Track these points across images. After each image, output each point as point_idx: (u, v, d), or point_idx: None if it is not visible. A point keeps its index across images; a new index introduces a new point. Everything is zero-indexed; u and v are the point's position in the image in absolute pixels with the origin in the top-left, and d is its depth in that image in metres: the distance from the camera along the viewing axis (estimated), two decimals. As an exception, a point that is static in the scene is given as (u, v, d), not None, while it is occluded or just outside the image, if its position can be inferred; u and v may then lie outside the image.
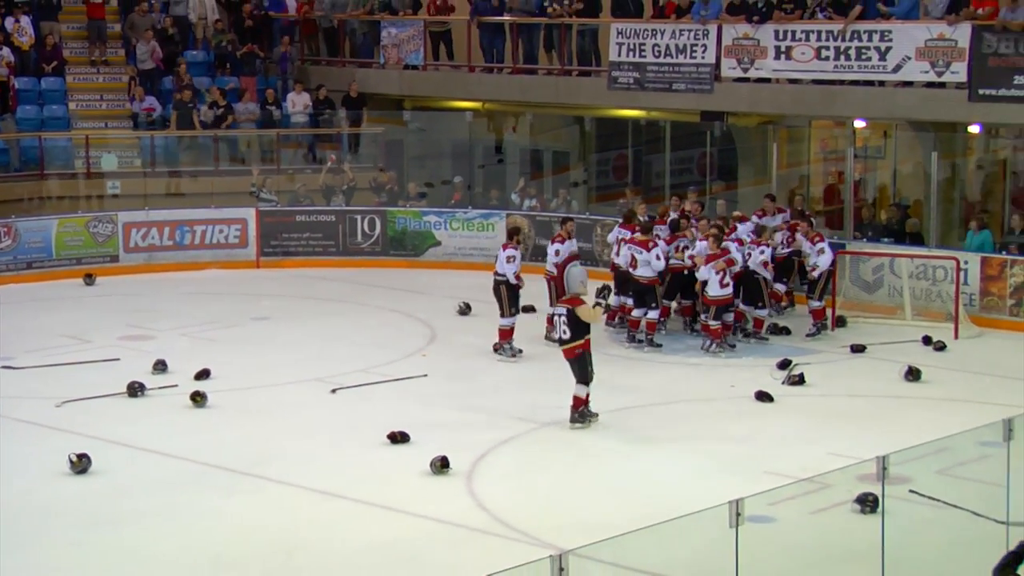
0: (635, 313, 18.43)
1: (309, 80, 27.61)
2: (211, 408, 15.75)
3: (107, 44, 27.14)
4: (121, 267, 23.61)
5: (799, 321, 19.39)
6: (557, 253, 18.69)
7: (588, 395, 14.84)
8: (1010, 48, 19.95)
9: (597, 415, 14.92)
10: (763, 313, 18.84)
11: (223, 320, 20.24)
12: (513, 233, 18.69)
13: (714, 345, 17.96)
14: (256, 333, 19.60)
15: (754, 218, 19.95)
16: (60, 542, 11.87)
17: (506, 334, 17.96)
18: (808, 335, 18.81)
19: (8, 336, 18.97)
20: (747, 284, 18.67)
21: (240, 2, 28.40)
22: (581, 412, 14.86)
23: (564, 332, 14.76)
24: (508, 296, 17.95)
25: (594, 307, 15.07)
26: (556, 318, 15.01)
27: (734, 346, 18.16)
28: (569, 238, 18.93)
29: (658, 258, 18.19)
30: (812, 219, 19.78)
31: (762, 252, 18.65)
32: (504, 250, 18.18)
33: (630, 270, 18.26)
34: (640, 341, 18.34)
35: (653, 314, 18.39)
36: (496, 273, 18.13)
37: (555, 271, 18.43)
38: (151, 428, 15.04)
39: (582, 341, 14.75)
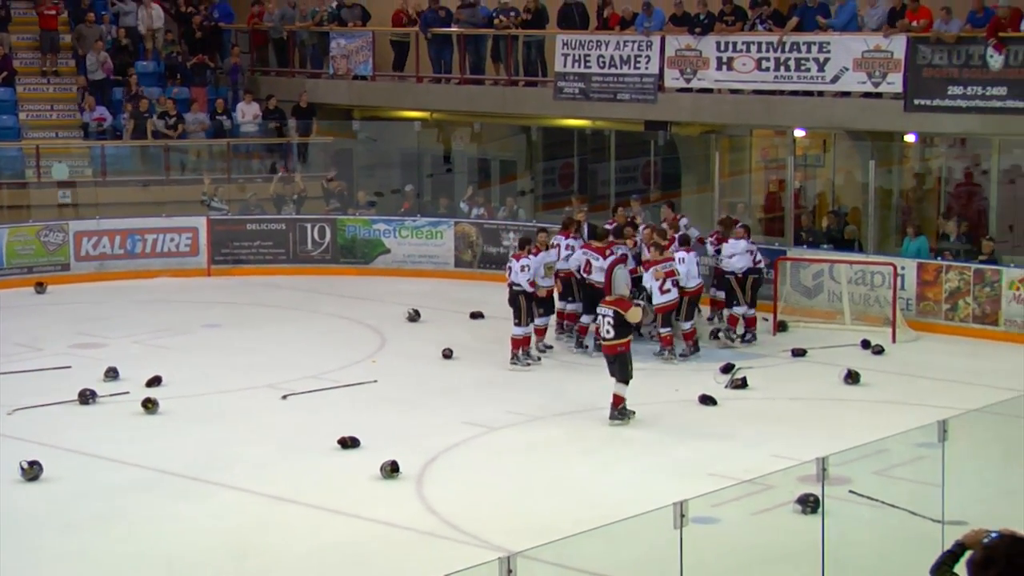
0: (584, 319, 18.46)
1: (259, 90, 27.51)
2: (163, 414, 15.65)
3: (58, 55, 26.92)
4: (72, 275, 23.42)
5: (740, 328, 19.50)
6: (524, 269, 18.43)
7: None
8: (944, 59, 20.16)
9: (634, 412, 15.17)
10: (739, 311, 18.98)
11: (174, 327, 20.12)
12: (525, 243, 18.51)
13: (666, 352, 17.99)
14: (207, 340, 19.50)
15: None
16: (14, 548, 11.75)
17: (521, 342, 17.85)
18: (745, 341, 18.92)
19: (-41, 344, 18.80)
20: (721, 284, 18.86)
21: (190, 14, 28.27)
22: (621, 410, 15.10)
23: (608, 331, 15.22)
24: (527, 305, 17.91)
25: (636, 307, 15.72)
26: (601, 318, 15.47)
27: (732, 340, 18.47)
28: (545, 249, 18.71)
29: None
30: (727, 228, 19.52)
31: (745, 246, 18.90)
32: (518, 260, 18.10)
33: (584, 275, 18.26)
34: (586, 346, 18.38)
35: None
36: (513, 283, 18.02)
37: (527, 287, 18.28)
38: (103, 435, 14.93)
39: (624, 340, 15.20)
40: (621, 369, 15.16)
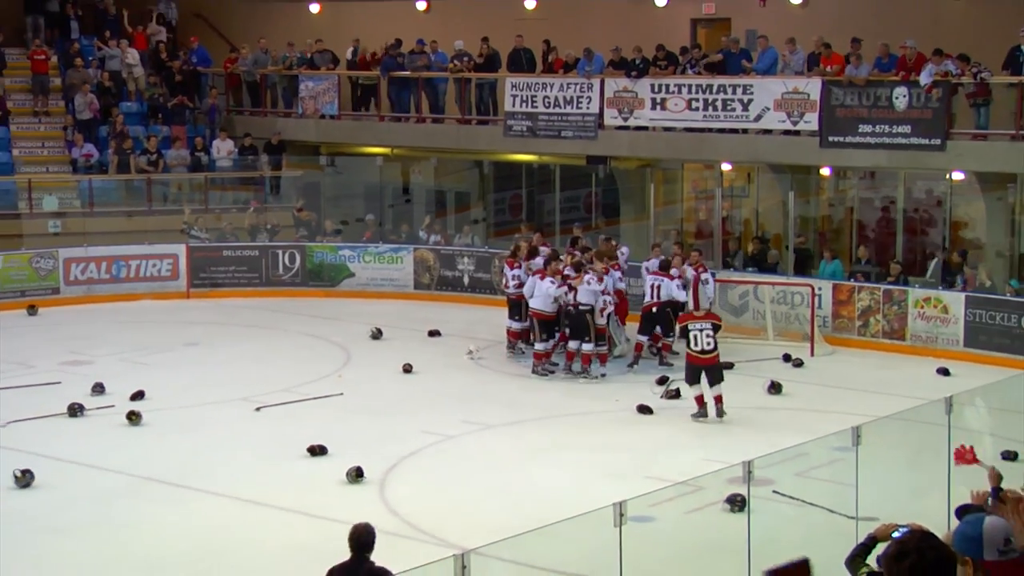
0: (571, 344, 17.81)
1: (234, 129, 27.38)
2: (146, 426, 15.52)
3: (49, 96, 26.71)
4: (62, 299, 23.17)
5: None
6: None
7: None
8: (855, 100, 20.36)
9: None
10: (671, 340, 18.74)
11: (156, 346, 19.95)
12: (580, 267, 17.98)
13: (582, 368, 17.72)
14: (187, 357, 19.34)
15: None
16: (7, 550, 11.62)
17: (591, 358, 17.59)
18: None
19: (-43, 363, 18.56)
20: (660, 316, 18.45)
21: (170, 60, 28.16)
22: (719, 409, 15.56)
23: (709, 343, 15.48)
24: (592, 323, 17.49)
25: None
26: (698, 332, 15.59)
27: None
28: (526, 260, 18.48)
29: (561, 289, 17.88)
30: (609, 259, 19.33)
31: (678, 283, 18.47)
32: (581, 280, 17.58)
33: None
34: (601, 374, 17.74)
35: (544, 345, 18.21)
36: (580, 304, 17.47)
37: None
38: (90, 445, 14.79)
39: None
40: (719, 373, 15.65)
